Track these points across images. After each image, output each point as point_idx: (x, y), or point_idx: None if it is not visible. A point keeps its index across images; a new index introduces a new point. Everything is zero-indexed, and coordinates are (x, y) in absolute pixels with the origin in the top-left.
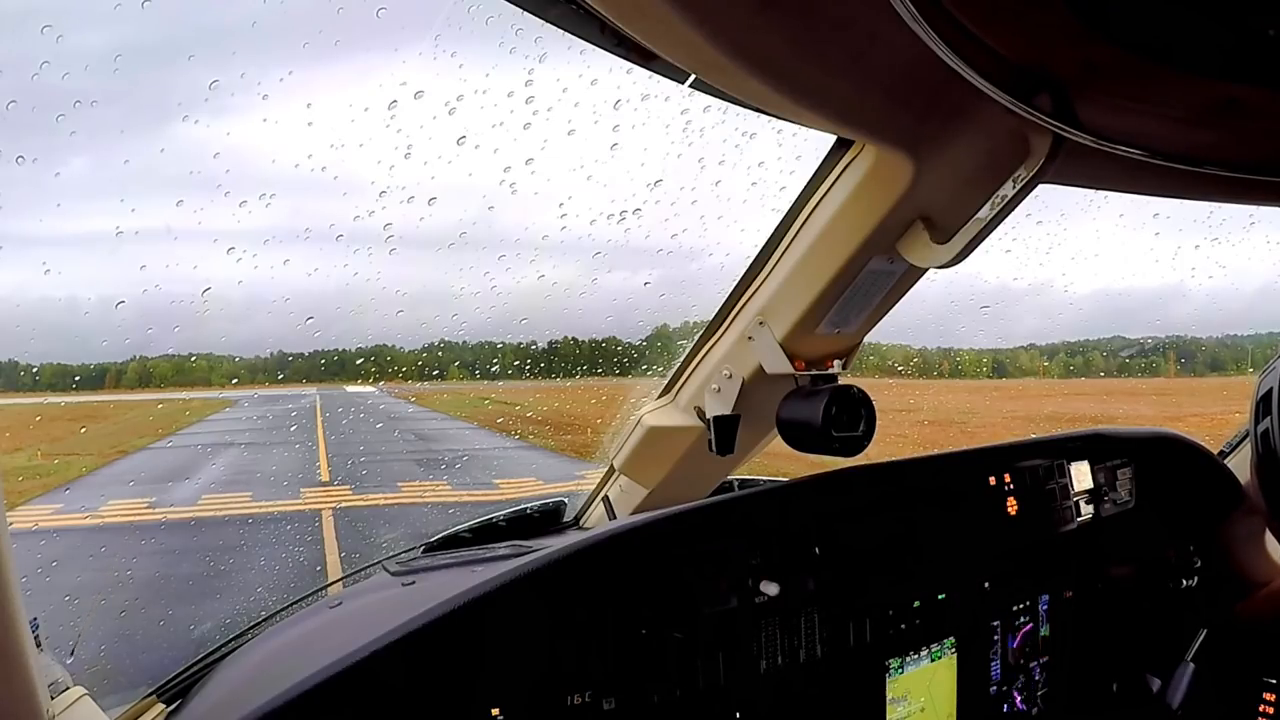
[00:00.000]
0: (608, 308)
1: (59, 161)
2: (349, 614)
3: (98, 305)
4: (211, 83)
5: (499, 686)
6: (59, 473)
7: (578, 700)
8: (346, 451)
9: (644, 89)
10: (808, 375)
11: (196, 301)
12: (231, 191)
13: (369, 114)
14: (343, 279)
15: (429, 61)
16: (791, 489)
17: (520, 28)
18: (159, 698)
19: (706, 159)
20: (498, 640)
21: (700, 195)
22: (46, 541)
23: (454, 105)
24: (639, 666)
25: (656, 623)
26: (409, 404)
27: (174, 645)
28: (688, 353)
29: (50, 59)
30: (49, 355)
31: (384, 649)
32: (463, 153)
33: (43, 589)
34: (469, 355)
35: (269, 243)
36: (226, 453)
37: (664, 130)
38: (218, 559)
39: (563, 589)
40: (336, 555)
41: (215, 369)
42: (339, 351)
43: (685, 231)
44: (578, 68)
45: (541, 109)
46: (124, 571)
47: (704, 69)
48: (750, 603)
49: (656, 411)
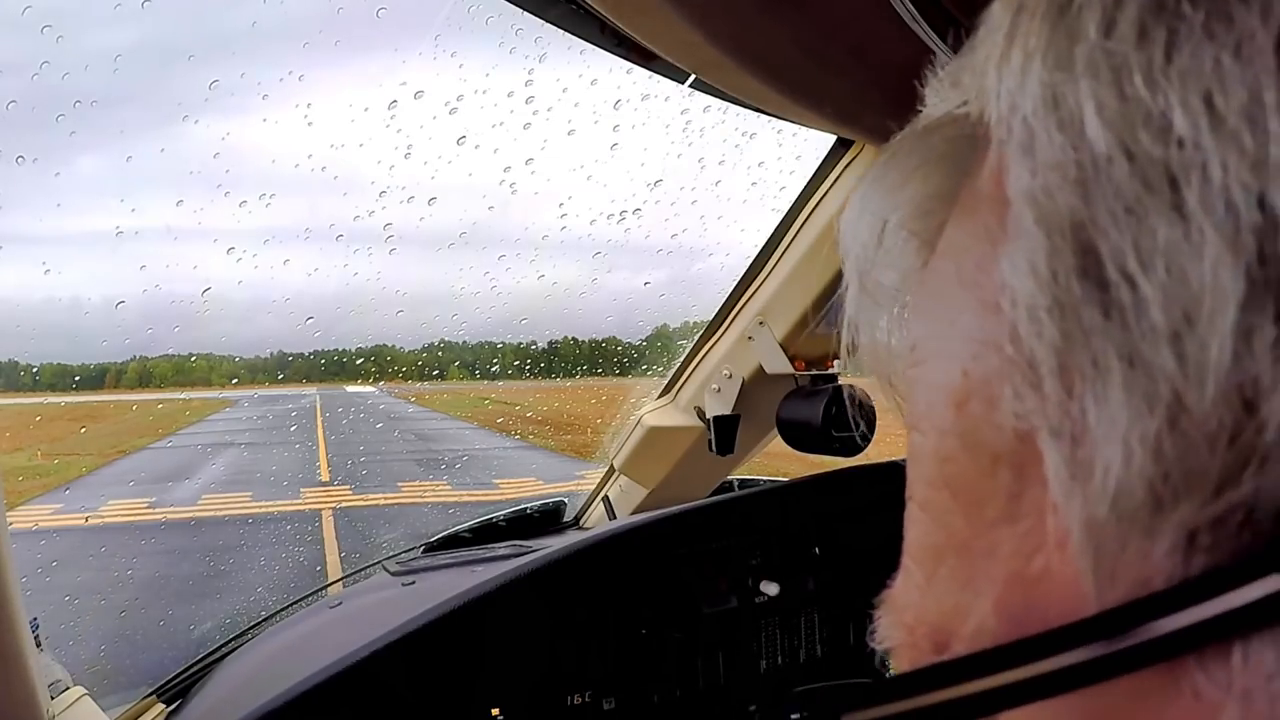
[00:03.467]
0: (608, 307)
1: (59, 161)
2: (349, 614)
3: (98, 305)
4: (212, 83)
5: (499, 686)
6: (59, 473)
7: (578, 700)
8: (346, 451)
9: (644, 89)
10: (808, 375)
11: (196, 301)
12: (231, 191)
13: (369, 114)
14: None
15: (429, 61)
16: (791, 489)
17: (520, 28)
18: (159, 697)
19: (706, 159)
20: (498, 640)
21: (700, 195)
22: (47, 541)
23: (454, 105)
24: (639, 666)
25: (657, 622)
26: (409, 404)
27: (174, 645)
28: (688, 353)
29: (50, 59)
30: (49, 355)
31: (384, 649)
32: (463, 153)
33: (43, 589)
34: (469, 355)
35: (269, 243)
36: (226, 453)
37: (664, 130)
38: (218, 559)
39: (563, 589)
40: (336, 555)
41: (215, 369)
42: (339, 351)
43: (685, 231)
44: (578, 68)
45: (541, 109)
46: (124, 571)
47: (704, 69)
48: (750, 603)
49: (656, 411)
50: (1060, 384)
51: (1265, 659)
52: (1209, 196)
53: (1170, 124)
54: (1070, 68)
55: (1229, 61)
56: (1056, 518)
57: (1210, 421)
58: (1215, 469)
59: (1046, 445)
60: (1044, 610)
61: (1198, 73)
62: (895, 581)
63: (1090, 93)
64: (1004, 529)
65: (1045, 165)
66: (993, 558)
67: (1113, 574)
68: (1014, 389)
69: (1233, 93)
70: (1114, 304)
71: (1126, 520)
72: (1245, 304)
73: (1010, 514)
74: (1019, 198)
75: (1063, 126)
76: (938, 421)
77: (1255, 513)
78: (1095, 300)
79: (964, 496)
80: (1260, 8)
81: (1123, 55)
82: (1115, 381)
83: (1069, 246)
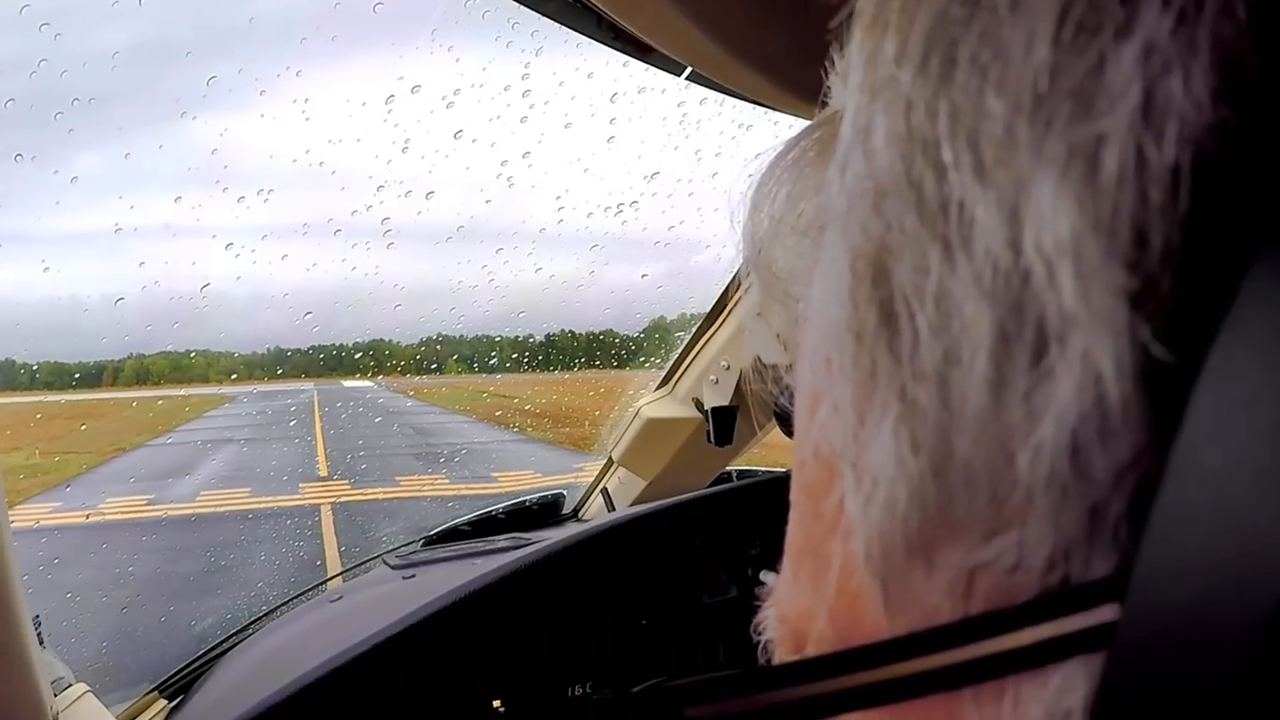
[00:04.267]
0: (605, 300)
1: (57, 159)
2: (349, 608)
3: (97, 303)
4: (209, 79)
5: (500, 679)
6: (59, 470)
7: (579, 691)
8: (345, 446)
9: (640, 82)
10: None
11: (195, 298)
12: (230, 188)
13: (366, 109)
14: (340, 274)
15: (425, 56)
16: (789, 479)
17: (516, 21)
18: (161, 693)
19: (703, 151)
20: (498, 633)
21: (697, 187)
22: (48, 539)
23: (451, 99)
24: (640, 657)
25: (657, 614)
26: (407, 398)
27: (175, 641)
28: (685, 345)
29: (48, 57)
30: (47, 353)
31: (385, 642)
32: (460, 147)
33: (44, 587)
34: (467, 349)
35: (267, 238)
36: (225, 449)
37: (661, 123)
38: (218, 555)
39: (563, 581)
40: (336, 550)
41: (214, 365)
42: (337, 346)
43: (682, 224)
44: (574, 61)
45: (538, 102)
46: (125, 568)
47: (700, 62)
48: (750, 593)
49: (654, 403)
50: (854, 413)
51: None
52: (970, 238)
53: (940, 157)
54: (872, 92)
55: (991, 95)
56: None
57: (972, 469)
58: (980, 517)
59: (844, 472)
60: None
61: (964, 106)
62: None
63: (883, 118)
64: (838, 541)
65: (851, 190)
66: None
67: (900, 603)
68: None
69: (991, 130)
70: (897, 337)
71: (901, 555)
72: (996, 352)
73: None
74: (833, 221)
75: (866, 153)
76: (800, 424)
77: (1023, 562)
78: (884, 332)
79: (812, 503)
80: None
81: (907, 83)
82: (890, 418)
83: (868, 274)
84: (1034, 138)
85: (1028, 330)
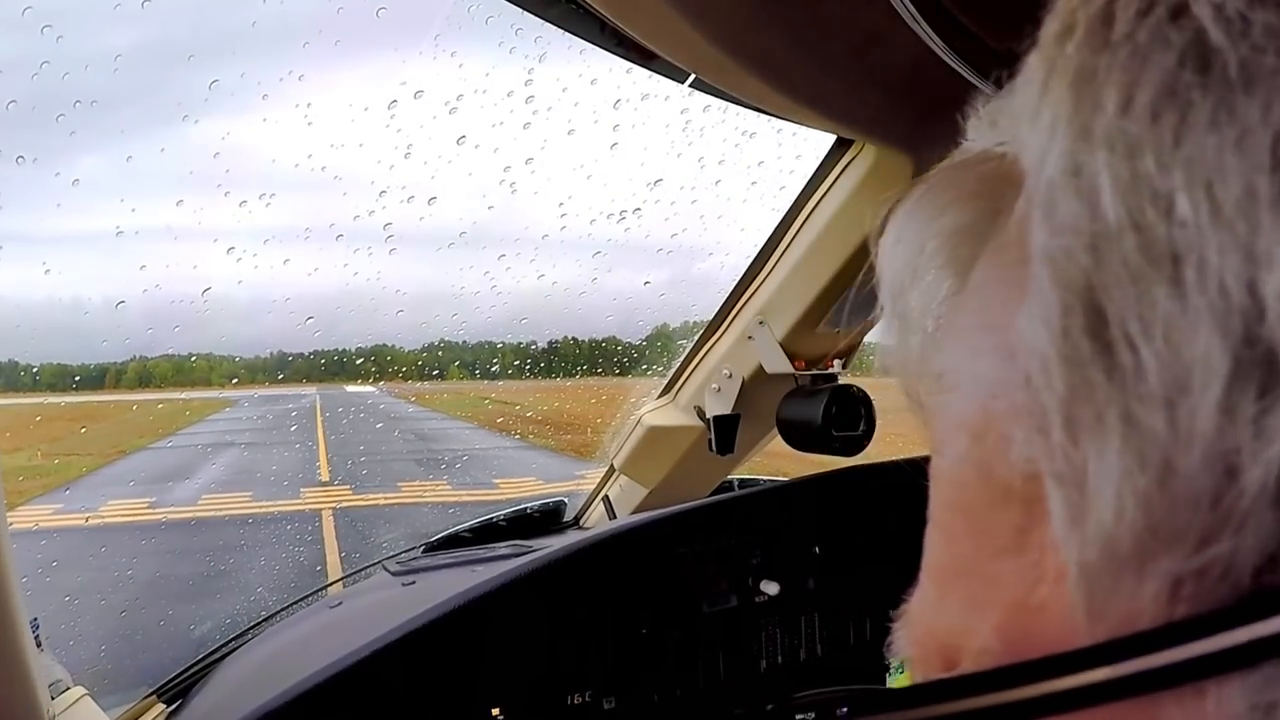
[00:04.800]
0: (608, 307)
1: (59, 161)
2: (349, 614)
3: (99, 305)
4: (211, 83)
5: (499, 686)
6: (59, 473)
7: (578, 700)
8: (346, 451)
9: (644, 88)
10: (808, 375)
11: (197, 301)
12: (232, 191)
13: (369, 113)
14: (343, 279)
15: (429, 61)
16: (791, 489)
17: (520, 27)
18: (159, 698)
19: (706, 158)
20: (498, 640)
21: (700, 195)
22: (47, 541)
23: (454, 105)
24: (640, 666)
25: (657, 622)
26: (409, 404)
27: (174, 645)
28: (688, 352)
29: (50, 59)
30: (49, 355)
31: (384, 648)
32: (463, 152)
33: (43, 589)
34: (469, 355)
35: (269, 242)
36: (226, 453)
37: (664, 130)
38: (218, 559)
39: (563, 588)
40: (336, 555)
41: (215, 369)
42: (339, 351)
43: (685, 231)
44: (577, 67)
45: (541, 108)
46: (124, 571)
47: (703, 68)
48: (750, 602)
49: (656, 411)
50: (1066, 434)
51: (1235, 704)
52: (1205, 278)
53: (1174, 205)
54: (1090, 139)
55: (1229, 153)
56: (1056, 555)
57: (1195, 484)
58: (1198, 526)
59: (1051, 489)
60: (1041, 638)
61: (1201, 160)
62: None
63: (1106, 166)
64: (1010, 559)
65: (1063, 228)
66: (998, 585)
67: (1103, 611)
68: (1025, 432)
69: (1230, 184)
70: (1117, 366)
71: (1117, 564)
72: (1230, 381)
73: (1017, 546)
74: (1038, 255)
75: (1080, 195)
76: (957, 449)
77: (1233, 569)
78: (1100, 360)
79: (975, 524)
80: (1262, 103)
81: (1136, 135)
82: (1114, 438)
83: (1080, 307)
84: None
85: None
